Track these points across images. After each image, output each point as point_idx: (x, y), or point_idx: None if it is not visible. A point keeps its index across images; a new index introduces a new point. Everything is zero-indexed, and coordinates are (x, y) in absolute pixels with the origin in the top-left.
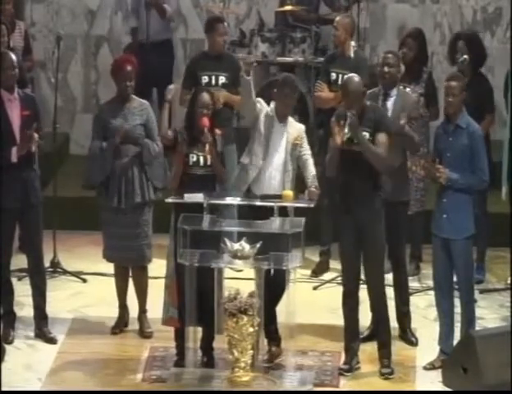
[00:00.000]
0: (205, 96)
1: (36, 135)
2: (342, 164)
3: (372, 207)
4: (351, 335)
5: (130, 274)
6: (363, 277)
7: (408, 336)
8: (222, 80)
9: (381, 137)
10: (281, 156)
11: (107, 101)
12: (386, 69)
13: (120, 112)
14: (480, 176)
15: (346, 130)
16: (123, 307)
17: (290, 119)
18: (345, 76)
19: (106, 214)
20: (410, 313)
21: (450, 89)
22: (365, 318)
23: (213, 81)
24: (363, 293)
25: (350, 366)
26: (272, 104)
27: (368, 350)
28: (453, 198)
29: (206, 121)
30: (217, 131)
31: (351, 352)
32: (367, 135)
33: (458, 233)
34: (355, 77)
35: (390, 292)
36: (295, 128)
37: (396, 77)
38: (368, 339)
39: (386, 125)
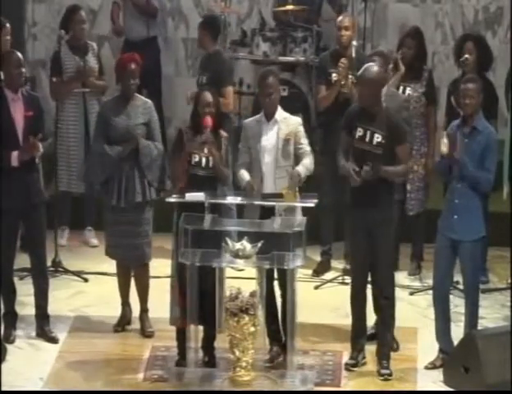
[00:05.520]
0: (206, 95)
1: (41, 146)
2: (356, 165)
3: (385, 208)
4: (358, 331)
5: (132, 273)
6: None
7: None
8: (204, 80)
9: (404, 149)
10: (272, 153)
11: (110, 99)
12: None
13: (123, 110)
14: (487, 176)
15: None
16: (126, 305)
17: (285, 115)
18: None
19: (108, 213)
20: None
21: (467, 91)
22: (368, 318)
23: (199, 81)
24: (368, 292)
25: (357, 361)
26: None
27: (370, 350)
28: (465, 199)
29: (208, 121)
30: (223, 133)
31: (358, 348)
32: (379, 137)
33: (468, 235)
34: (374, 66)
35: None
36: (289, 124)
37: (384, 79)
38: (371, 338)
39: (405, 135)
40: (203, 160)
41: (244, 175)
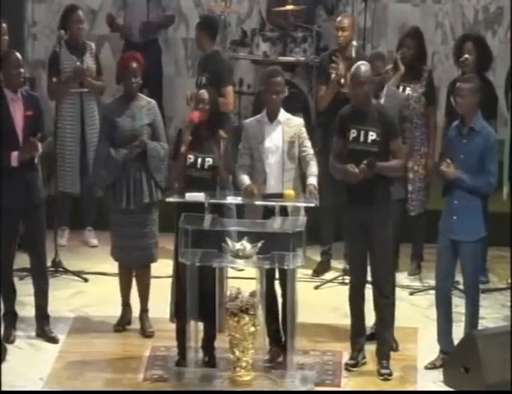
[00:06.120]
0: (201, 93)
1: (40, 145)
2: (351, 163)
3: (382, 207)
4: (357, 331)
5: (134, 273)
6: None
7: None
8: (203, 80)
9: (398, 144)
10: (278, 155)
11: (113, 100)
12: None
13: (127, 111)
14: (488, 179)
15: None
16: (126, 305)
17: (287, 116)
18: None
19: (114, 215)
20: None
21: (459, 91)
22: (368, 317)
23: (199, 81)
24: (368, 292)
25: (356, 361)
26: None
27: (370, 350)
28: (464, 200)
29: (194, 116)
30: (222, 134)
31: (357, 347)
32: (373, 135)
33: (467, 235)
34: (364, 64)
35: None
36: (292, 125)
37: (384, 79)
38: (370, 338)
39: (397, 129)
40: (199, 161)
41: (245, 179)
